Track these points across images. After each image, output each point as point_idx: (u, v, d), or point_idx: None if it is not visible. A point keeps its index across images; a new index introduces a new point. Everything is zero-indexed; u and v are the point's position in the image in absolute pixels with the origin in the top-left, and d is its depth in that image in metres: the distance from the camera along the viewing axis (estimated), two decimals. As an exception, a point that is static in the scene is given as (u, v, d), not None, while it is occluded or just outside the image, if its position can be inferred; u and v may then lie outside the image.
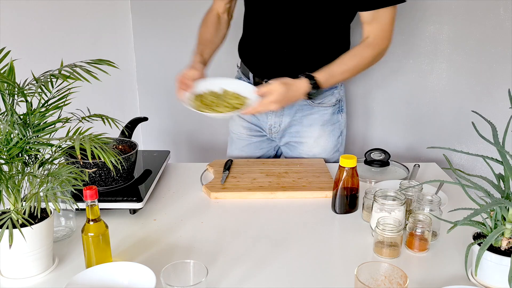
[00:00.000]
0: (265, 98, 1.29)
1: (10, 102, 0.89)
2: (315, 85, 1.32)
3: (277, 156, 1.72)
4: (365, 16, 1.37)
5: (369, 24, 1.38)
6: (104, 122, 1.03)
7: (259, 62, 1.52)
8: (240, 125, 1.65)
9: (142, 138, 2.29)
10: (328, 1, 1.36)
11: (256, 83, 1.50)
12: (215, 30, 1.55)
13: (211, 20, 1.57)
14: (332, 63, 1.37)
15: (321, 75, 1.33)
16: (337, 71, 1.36)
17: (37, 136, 0.91)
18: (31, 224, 0.88)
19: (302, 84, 1.32)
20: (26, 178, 0.92)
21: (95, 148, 0.86)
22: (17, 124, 0.89)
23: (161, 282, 0.83)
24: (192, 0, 1.98)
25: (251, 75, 1.54)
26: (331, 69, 1.35)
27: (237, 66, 1.65)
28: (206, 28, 1.55)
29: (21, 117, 0.91)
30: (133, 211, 1.19)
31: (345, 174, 1.17)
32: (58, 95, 0.96)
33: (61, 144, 0.91)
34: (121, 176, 1.24)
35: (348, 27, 1.48)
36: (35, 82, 0.91)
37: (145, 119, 1.48)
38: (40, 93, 0.91)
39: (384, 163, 1.46)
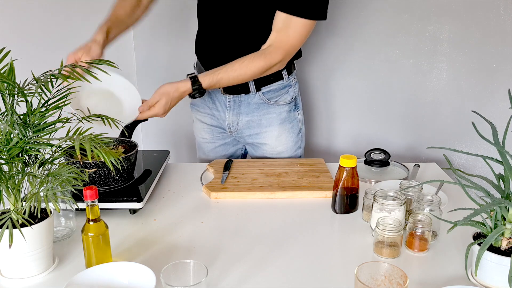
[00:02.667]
0: (148, 111, 1.33)
1: (10, 102, 0.89)
2: (199, 88, 1.34)
3: (244, 156, 1.73)
4: (277, 21, 1.35)
5: (278, 31, 1.35)
6: (104, 122, 1.03)
7: (211, 57, 1.51)
8: (202, 129, 1.66)
9: (142, 138, 2.29)
10: None
11: None
12: (131, 10, 1.43)
13: None
14: (222, 68, 1.36)
15: (206, 80, 1.35)
16: (224, 78, 1.36)
17: (37, 136, 0.91)
18: (31, 224, 0.88)
19: (184, 88, 1.34)
20: (26, 178, 0.92)
21: (95, 148, 0.86)
22: (17, 124, 0.89)
23: (161, 282, 0.83)
24: (191, 0, 1.98)
25: None
26: (218, 76, 1.36)
27: (193, 66, 1.64)
28: (122, 4, 1.42)
29: (21, 117, 0.91)
30: (133, 211, 1.19)
31: (345, 174, 1.17)
32: (58, 95, 0.96)
33: (61, 144, 0.91)
34: (121, 176, 1.24)
35: None
36: (35, 82, 0.91)
37: (145, 119, 1.48)
38: (40, 93, 0.91)
39: (384, 163, 1.46)
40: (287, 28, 1.34)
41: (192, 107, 1.66)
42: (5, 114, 0.90)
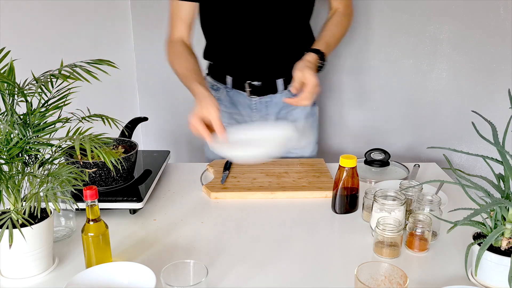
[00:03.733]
0: (304, 92, 1.24)
1: (10, 102, 0.89)
2: (322, 57, 1.35)
3: None
4: None
5: (335, 0, 1.51)
6: (104, 122, 1.03)
7: (236, 64, 1.50)
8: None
9: (142, 138, 2.29)
10: None
11: (235, 86, 1.52)
12: (194, 59, 1.41)
13: (182, 49, 1.42)
14: (323, 34, 1.42)
15: (322, 47, 1.37)
16: (330, 40, 1.41)
17: (37, 136, 0.91)
18: (31, 224, 0.88)
19: (311, 57, 1.33)
20: (26, 178, 0.92)
21: (95, 148, 0.86)
22: (17, 124, 0.89)
23: (161, 282, 0.83)
24: (192, 0, 1.98)
25: (229, 79, 1.52)
26: (325, 40, 1.40)
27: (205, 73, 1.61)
28: (185, 59, 1.40)
29: (21, 117, 0.91)
30: (133, 211, 1.19)
31: (345, 174, 1.17)
32: (58, 95, 0.96)
33: (61, 144, 0.91)
34: (121, 176, 1.24)
35: (308, 20, 1.51)
36: (35, 82, 0.91)
37: (145, 119, 1.48)
38: (40, 93, 0.91)
39: (384, 163, 1.46)
40: None
41: None
42: (5, 114, 0.90)
